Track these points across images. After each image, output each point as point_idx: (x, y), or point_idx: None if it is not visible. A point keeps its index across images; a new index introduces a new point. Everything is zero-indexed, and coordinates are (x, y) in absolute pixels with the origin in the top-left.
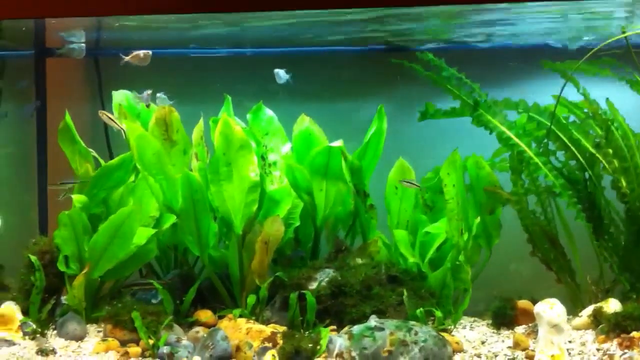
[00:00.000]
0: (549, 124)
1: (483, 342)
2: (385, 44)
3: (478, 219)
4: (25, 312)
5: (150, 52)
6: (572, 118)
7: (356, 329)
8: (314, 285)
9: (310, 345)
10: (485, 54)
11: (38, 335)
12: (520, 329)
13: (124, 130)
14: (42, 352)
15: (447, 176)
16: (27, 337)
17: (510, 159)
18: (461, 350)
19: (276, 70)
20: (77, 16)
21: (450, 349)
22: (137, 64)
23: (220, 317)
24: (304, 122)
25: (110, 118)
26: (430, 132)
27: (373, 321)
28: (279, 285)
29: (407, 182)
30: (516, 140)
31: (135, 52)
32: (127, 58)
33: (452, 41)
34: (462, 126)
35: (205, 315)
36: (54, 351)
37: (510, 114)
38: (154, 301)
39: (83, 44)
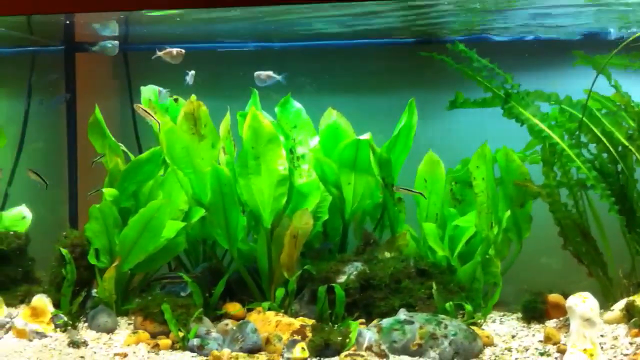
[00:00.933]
0: (581, 116)
1: (513, 336)
2: (414, 36)
3: (508, 213)
4: (56, 305)
5: (183, 50)
6: (604, 111)
7: (385, 322)
8: (342, 279)
9: (339, 338)
10: (512, 46)
11: (69, 328)
12: (551, 323)
13: (159, 123)
14: (73, 344)
15: (477, 169)
16: (58, 330)
17: (542, 151)
18: (491, 345)
19: (257, 73)
20: (106, 11)
21: (480, 342)
22: (168, 61)
23: (249, 310)
24: (332, 116)
25: (146, 112)
26: (459, 124)
27: (402, 315)
28: (307, 278)
29: (403, 188)
30: (549, 132)
31: (169, 49)
32: (160, 53)
33: (480, 33)
34: (491, 119)
35: (234, 308)
36: (85, 343)
37: (541, 107)
38: (183, 294)
39: (116, 42)
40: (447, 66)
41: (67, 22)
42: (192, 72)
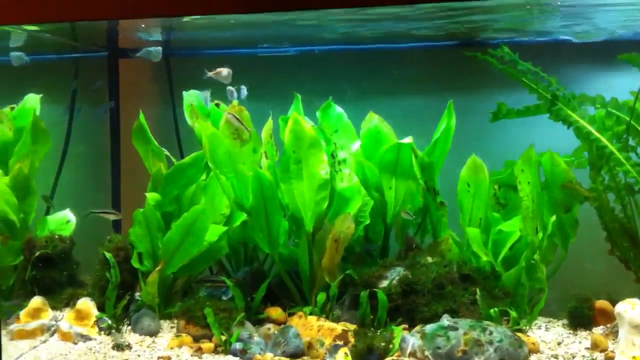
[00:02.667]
0: (629, 118)
1: (559, 343)
2: (455, 39)
3: (554, 217)
4: (100, 308)
5: (231, 71)
6: None
7: (429, 328)
8: (384, 284)
9: (382, 343)
10: (552, 48)
11: (113, 331)
12: (598, 330)
13: (249, 131)
14: (118, 347)
15: (522, 173)
16: (102, 333)
17: (590, 155)
18: (537, 351)
19: (229, 89)
20: (148, 17)
21: (526, 349)
22: (216, 79)
23: (290, 315)
24: (373, 120)
25: (236, 118)
26: (499, 128)
27: (446, 320)
28: (349, 283)
29: (406, 212)
30: (597, 135)
31: (219, 69)
32: (210, 74)
33: (522, 35)
34: (533, 122)
35: (276, 312)
36: (129, 346)
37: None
38: (224, 298)
39: (159, 47)
40: (488, 68)
41: (111, 28)
42: (243, 88)
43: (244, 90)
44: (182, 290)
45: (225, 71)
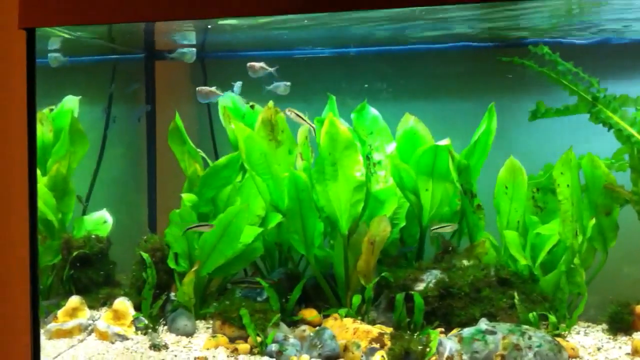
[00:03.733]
0: None
1: (599, 349)
2: (492, 39)
3: (593, 221)
4: (136, 308)
5: (289, 83)
6: None
7: (466, 332)
8: (420, 287)
9: (420, 347)
10: (590, 50)
11: (150, 331)
12: (639, 335)
13: (313, 128)
14: (155, 347)
15: (561, 175)
16: (139, 332)
17: (631, 158)
18: (577, 357)
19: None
20: (186, 19)
21: (566, 354)
22: (251, 74)
23: (325, 317)
24: (409, 121)
25: (298, 115)
26: (538, 130)
27: (483, 324)
28: (384, 285)
29: (437, 227)
30: (639, 137)
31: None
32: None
33: (560, 36)
34: (572, 124)
35: (311, 314)
36: (166, 346)
37: None
38: (259, 299)
39: (194, 49)
40: (526, 69)
41: (148, 30)
42: (239, 84)
43: (237, 87)
44: (217, 291)
45: (257, 65)
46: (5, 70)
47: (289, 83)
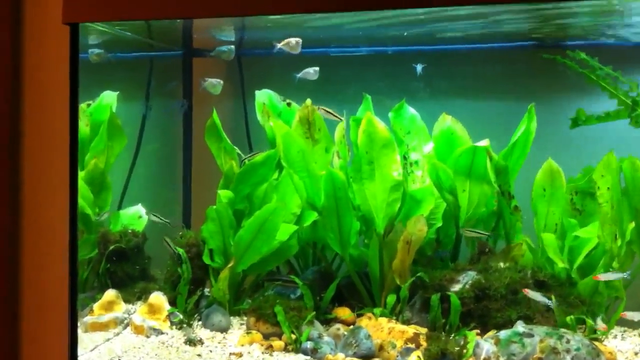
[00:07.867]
0: None
1: (636, 353)
2: (532, 40)
3: (632, 224)
4: (171, 303)
5: (300, 40)
6: None
7: (503, 334)
8: (456, 288)
9: (456, 348)
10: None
11: (185, 326)
12: None
13: (341, 119)
14: (190, 341)
15: (602, 178)
16: (174, 327)
17: None
18: None
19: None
20: (224, 16)
21: (604, 359)
22: (287, 51)
23: (359, 316)
24: (446, 121)
25: (328, 112)
26: (577, 131)
27: (520, 327)
28: (418, 285)
29: (471, 231)
30: None
31: (288, 40)
32: (279, 45)
33: (602, 38)
34: (612, 126)
35: (345, 312)
36: (201, 341)
37: None
38: (292, 297)
39: (232, 47)
40: (566, 71)
41: (186, 27)
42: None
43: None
44: (251, 288)
45: (293, 40)
46: (48, 65)
47: (317, 68)
